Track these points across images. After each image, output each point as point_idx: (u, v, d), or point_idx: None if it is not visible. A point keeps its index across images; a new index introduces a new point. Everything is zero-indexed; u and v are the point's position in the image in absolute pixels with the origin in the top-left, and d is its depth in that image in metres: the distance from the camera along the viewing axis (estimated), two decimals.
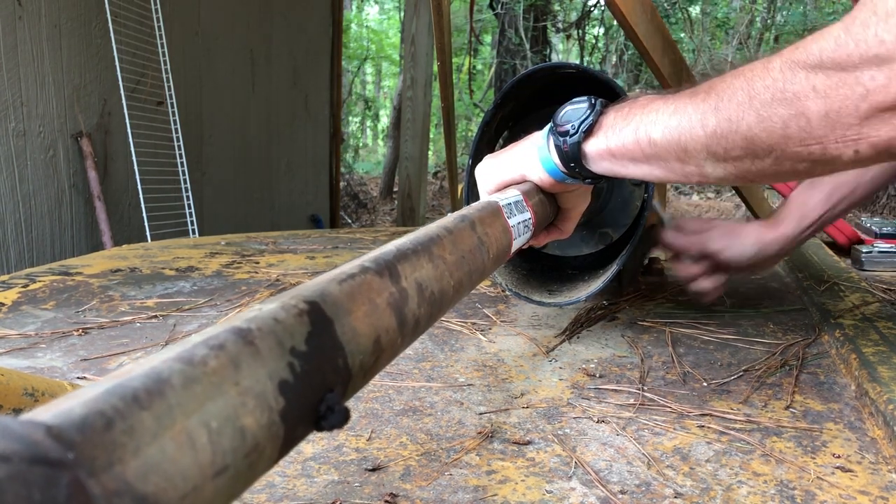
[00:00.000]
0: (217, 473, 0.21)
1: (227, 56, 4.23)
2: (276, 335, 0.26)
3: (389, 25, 12.37)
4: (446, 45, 2.05)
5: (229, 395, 0.22)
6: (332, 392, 0.28)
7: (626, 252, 0.96)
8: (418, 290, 0.39)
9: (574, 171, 0.70)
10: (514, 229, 0.61)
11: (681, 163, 0.60)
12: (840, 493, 0.57)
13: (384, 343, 0.34)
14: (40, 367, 0.86)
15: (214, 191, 4.15)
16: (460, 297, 0.47)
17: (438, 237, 0.45)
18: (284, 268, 1.43)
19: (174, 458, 0.19)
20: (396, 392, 0.79)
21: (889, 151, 0.47)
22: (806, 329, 0.99)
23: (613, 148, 0.66)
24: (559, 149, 0.69)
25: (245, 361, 0.24)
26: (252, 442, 0.23)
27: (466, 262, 0.47)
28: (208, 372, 0.22)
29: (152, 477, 0.18)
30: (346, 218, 6.94)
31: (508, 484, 0.59)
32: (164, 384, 0.20)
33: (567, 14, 9.21)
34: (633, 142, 0.64)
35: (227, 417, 0.22)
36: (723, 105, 0.56)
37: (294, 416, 0.25)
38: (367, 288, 0.34)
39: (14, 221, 2.87)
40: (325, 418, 0.27)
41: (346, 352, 0.30)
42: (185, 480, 0.19)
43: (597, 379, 0.83)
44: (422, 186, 5.21)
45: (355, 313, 0.32)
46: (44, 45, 2.94)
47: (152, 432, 0.19)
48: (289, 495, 0.57)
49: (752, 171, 0.56)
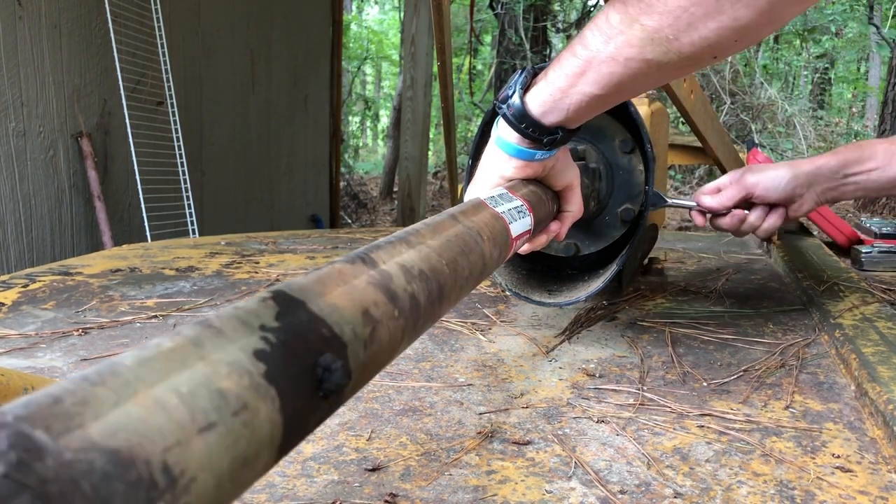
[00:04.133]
0: (203, 429, 0.21)
1: (227, 56, 4.23)
2: (239, 318, 0.27)
3: (389, 25, 12.37)
4: (446, 45, 2.05)
5: (196, 367, 0.23)
6: (325, 354, 0.29)
7: (625, 252, 0.96)
8: (402, 269, 0.39)
9: (527, 133, 0.69)
10: (505, 215, 0.61)
11: (605, 40, 0.62)
12: (840, 493, 0.57)
13: (377, 314, 0.34)
14: (40, 367, 0.86)
15: (214, 191, 4.15)
16: (465, 276, 0.47)
17: (415, 230, 0.46)
18: (284, 268, 1.43)
19: (143, 419, 0.20)
20: (396, 392, 0.79)
21: None
22: (806, 329, 0.99)
23: (551, 77, 0.67)
24: (506, 118, 0.70)
25: (207, 340, 0.25)
26: (238, 402, 0.23)
27: (455, 244, 0.47)
28: (164, 351, 0.23)
29: (121, 434, 0.19)
30: (346, 218, 6.94)
31: (508, 484, 0.59)
32: (116, 366, 0.22)
33: (567, 14, 9.21)
34: (568, 55, 0.65)
35: (198, 383, 0.22)
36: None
37: (283, 378, 0.26)
38: (338, 274, 0.35)
39: (14, 221, 2.88)
40: (326, 380, 0.28)
41: (330, 322, 0.30)
42: (163, 436, 0.20)
43: (597, 379, 0.83)
44: (422, 186, 5.21)
45: (329, 294, 0.32)
46: (44, 45, 2.94)
47: (112, 401, 0.20)
48: (289, 495, 0.57)
49: (664, 15, 0.58)
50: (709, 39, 0.58)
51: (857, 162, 0.96)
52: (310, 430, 0.28)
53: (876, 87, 9.29)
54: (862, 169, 0.96)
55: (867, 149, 0.96)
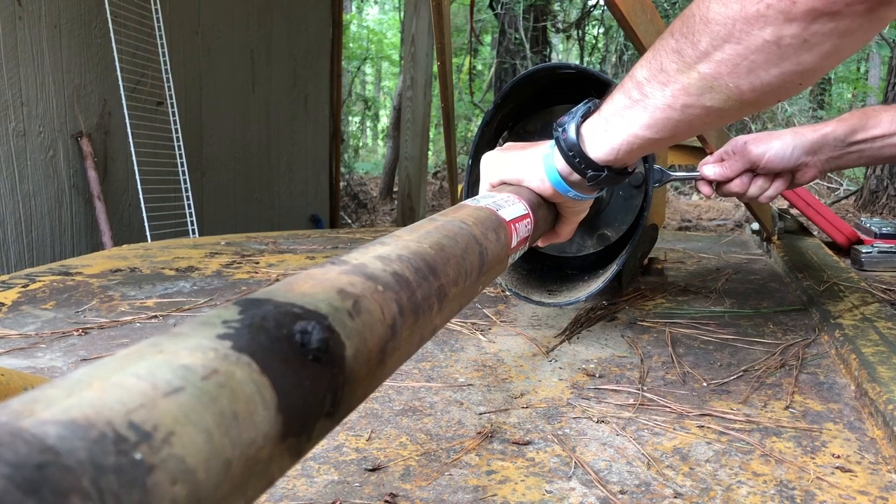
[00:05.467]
0: (169, 393, 0.21)
1: (227, 56, 4.23)
2: (199, 322, 0.27)
3: (389, 26, 12.37)
4: (446, 46, 2.05)
5: (154, 359, 0.23)
6: (300, 322, 0.29)
7: (625, 252, 0.96)
8: (377, 258, 0.39)
9: (575, 163, 0.68)
10: (490, 205, 0.60)
11: (662, 87, 0.60)
12: (840, 494, 0.57)
13: (355, 290, 0.34)
14: (40, 367, 0.86)
15: (214, 191, 4.14)
16: (459, 255, 0.47)
17: (390, 234, 0.46)
18: (284, 268, 1.43)
19: (100, 397, 0.20)
20: (396, 392, 0.79)
21: None
22: (806, 329, 0.99)
23: (605, 112, 0.66)
24: (559, 143, 0.69)
25: (166, 341, 0.25)
26: (205, 369, 0.23)
27: (436, 233, 0.47)
28: (119, 356, 0.23)
29: (75, 411, 0.19)
30: (346, 218, 6.94)
31: (508, 484, 0.59)
32: (67, 375, 0.22)
33: (567, 14, 9.21)
34: (620, 94, 0.64)
35: (157, 364, 0.23)
36: (685, 11, 0.58)
37: (254, 346, 0.26)
38: (306, 275, 0.35)
39: (14, 221, 2.87)
40: (307, 342, 0.28)
41: (301, 304, 0.30)
42: (123, 404, 0.20)
43: (596, 379, 0.83)
44: (422, 186, 5.21)
45: (296, 289, 0.32)
46: (44, 45, 2.94)
47: (63, 395, 0.20)
48: (289, 495, 0.57)
49: (723, 63, 0.56)
50: (772, 85, 0.56)
51: (863, 129, 0.94)
52: (321, 397, 0.28)
53: (876, 87, 9.29)
54: (867, 136, 0.94)
55: (872, 117, 0.95)
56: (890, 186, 5.47)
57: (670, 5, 7.74)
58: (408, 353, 0.39)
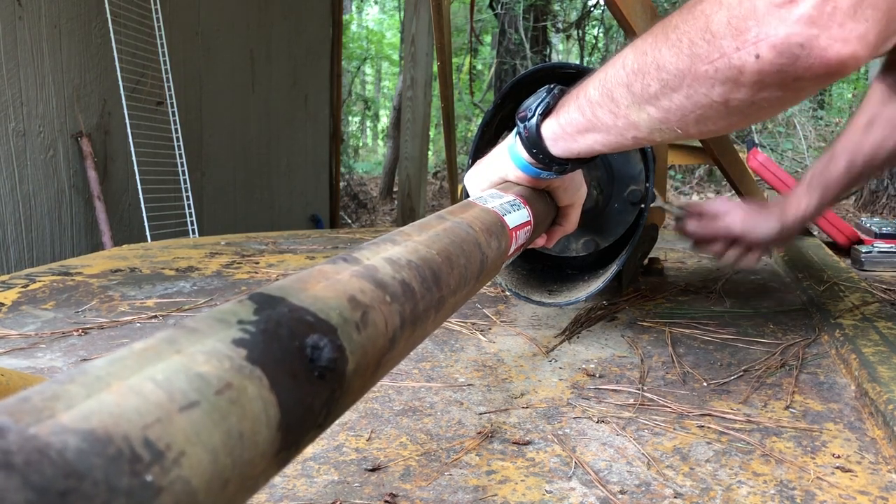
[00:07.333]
0: (184, 408, 0.21)
1: (227, 56, 4.23)
2: (215, 318, 0.27)
3: (389, 26, 12.37)
4: (446, 45, 2.05)
5: (172, 359, 0.23)
6: (312, 335, 0.29)
7: (625, 252, 0.96)
8: (388, 261, 0.39)
9: (538, 158, 0.69)
10: (497, 209, 0.61)
11: (613, 116, 0.61)
12: (840, 494, 0.57)
13: (365, 300, 0.34)
14: (40, 367, 0.86)
15: (214, 191, 4.14)
16: (463, 264, 0.47)
17: (400, 231, 0.46)
18: (284, 268, 1.43)
19: (118, 403, 0.20)
20: (396, 392, 0.79)
21: (789, 52, 0.49)
22: (806, 329, 0.99)
23: (563, 122, 0.66)
24: (521, 137, 0.69)
25: (183, 338, 0.25)
26: (220, 382, 0.23)
27: (444, 237, 0.47)
28: (137, 350, 0.23)
29: (94, 418, 0.19)
30: (346, 218, 6.94)
31: (508, 484, 0.59)
32: (86, 367, 0.22)
33: (567, 14, 9.21)
34: (575, 108, 0.65)
35: (174, 370, 0.22)
36: (639, 42, 0.58)
37: (267, 359, 0.26)
38: (318, 273, 0.34)
39: (14, 221, 2.87)
40: (316, 358, 0.28)
41: (313, 310, 0.30)
42: (140, 415, 0.20)
43: (597, 379, 0.83)
44: (422, 186, 5.21)
45: (310, 289, 0.32)
46: (44, 45, 2.94)
47: (83, 395, 0.20)
48: (289, 495, 0.57)
49: (672, 111, 0.57)
50: (719, 131, 0.59)
51: (828, 184, 0.97)
52: (317, 413, 0.28)
53: None
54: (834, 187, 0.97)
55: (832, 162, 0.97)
56: (890, 186, 5.47)
57: (670, 5, 7.74)
58: (398, 362, 0.40)
